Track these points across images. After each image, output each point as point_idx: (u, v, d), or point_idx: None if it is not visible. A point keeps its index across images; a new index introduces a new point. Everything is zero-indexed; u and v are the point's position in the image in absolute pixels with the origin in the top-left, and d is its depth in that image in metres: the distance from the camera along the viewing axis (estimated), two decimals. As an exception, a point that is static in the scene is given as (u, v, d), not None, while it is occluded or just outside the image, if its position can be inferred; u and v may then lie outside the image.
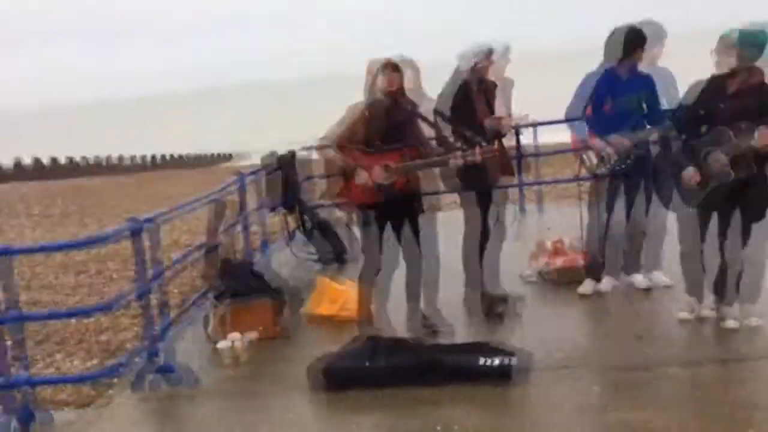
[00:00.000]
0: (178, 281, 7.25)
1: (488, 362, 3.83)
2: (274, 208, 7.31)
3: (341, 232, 7.25)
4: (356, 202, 4.51)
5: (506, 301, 5.01)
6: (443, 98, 4.77)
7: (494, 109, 4.89)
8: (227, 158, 37.37)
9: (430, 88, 4.79)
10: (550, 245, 5.66)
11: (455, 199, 5.43)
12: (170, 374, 4.24)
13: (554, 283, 5.36)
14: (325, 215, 7.51)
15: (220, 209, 5.33)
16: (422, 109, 4.48)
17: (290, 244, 7.05)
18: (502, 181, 5.12)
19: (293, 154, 7.54)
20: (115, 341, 5.77)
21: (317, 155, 4.58)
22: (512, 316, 4.80)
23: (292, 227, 7.19)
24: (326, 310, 5.15)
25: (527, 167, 7.69)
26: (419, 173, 4.57)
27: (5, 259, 3.85)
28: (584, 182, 5.47)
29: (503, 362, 3.84)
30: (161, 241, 4.55)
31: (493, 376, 3.79)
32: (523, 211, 8.37)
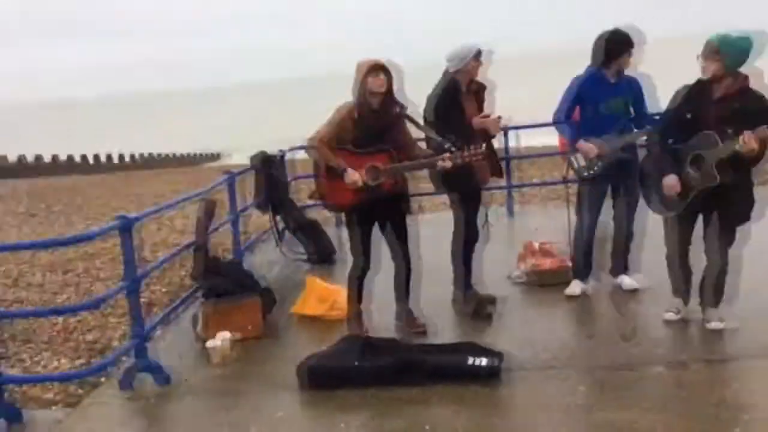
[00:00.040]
0: (166, 280, 7.23)
1: (476, 362, 3.87)
2: (262, 207, 7.31)
3: (331, 232, 7.27)
4: (342, 202, 4.53)
5: (494, 302, 5.05)
6: (432, 100, 4.79)
7: (484, 110, 4.94)
8: (215, 158, 37.19)
9: (429, 88, 4.84)
10: (537, 247, 5.70)
11: (444, 200, 5.47)
12: (158, 373, 4.24)
13: (542, 284, 5.40)
14: (314, 215, 7.53)
15: (210, 208, 5.31)
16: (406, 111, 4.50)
17: (280, 243, 7.05)
18: (490, 182, 5.17)
19: (276, 154, 7.55)
20: (102, 340, 5.74)
21: (307, 155, 4.59)
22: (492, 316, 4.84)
23: (282, 227, 7.19)
24: (315, 309, 5.15)
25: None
26: (407, 174, 4.60)
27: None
28: (572, 185, 5.53)
29: (491, 362, 3.88)
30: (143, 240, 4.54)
31: (481, 376, 3.82)
32: (511, 213, 8.43)
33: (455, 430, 3.37)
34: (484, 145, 4.58)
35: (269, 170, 7.14)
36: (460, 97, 4.78)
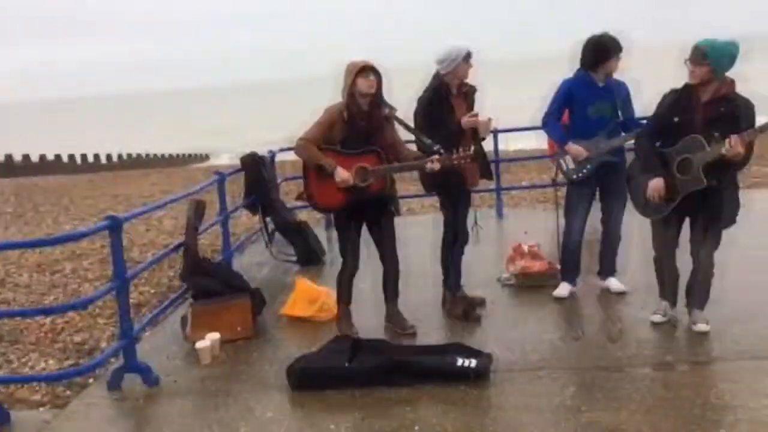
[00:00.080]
0: (155, 281, 7.20)
1: (465, 363, 3.89)
2: (252, 207, 7.30)
3: (320, 233, 7.27)
4: (331, 203, 4.53)
5: (483, 304, 5.08)
6: (423, 101, 4.80)
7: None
8: (204, 158, 36.99)
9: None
10: (526, 249, 5.74)
11: (434, 202, 5.49)
12: (147, 374, 4.22)
13: (531, 286, 5.43)
14: (303, 217, 7.53)
15: (201, 208, 5.30)
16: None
17: (270, 245, 7.05)
18: (480, 184, 5.20)
19: (266, 155, 7.53)
20: (90, 341, 5.71)
21: (296, 155, 4.59)
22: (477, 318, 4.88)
23: (271, 228, 7.18)
24: (304, 311, 5.15)
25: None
26: (395, 176, 4.62)
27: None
28: (560, 187, 5.57)
29: (480, 363, 3.91)
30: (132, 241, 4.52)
31: (470, 377, 3.84)
32: (500, 215, 8.47)
33: (444, 430, 3.39)
34: (472, 147, 4.60)
35: (259, 171, 7.14)
36: (450, 98, 4.80)
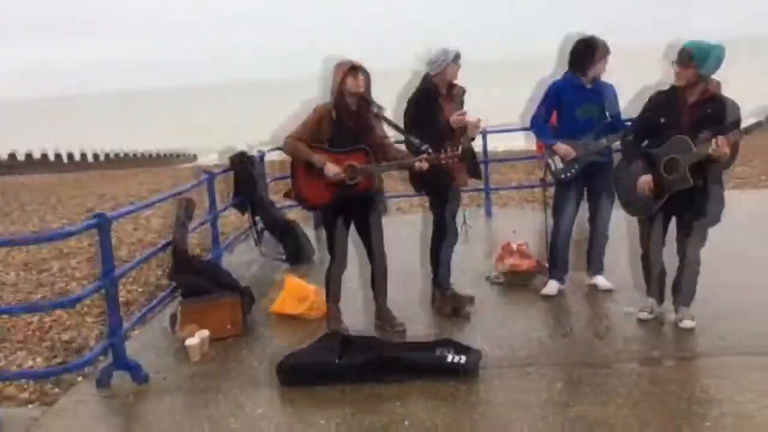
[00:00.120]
0: (143, 280, 7.19)
1: (455, 359, 3.92)
2: (241, 206, 7.29)
3: (309, 232, 7.27)
4: (319, 200, 4.54)
5: (473, 301, 5.11)
6: (412, 102, 4.83)
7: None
8: (192, 158, 36.83)
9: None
10: (515, 247, 5.78)
11: (423, 201, 5.51)
12: (136, 371, 4.22)
13: (519, 284, 5.48)
14: (293, 216, 7.53)
15: (190, 206, 5.30)
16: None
17: (259, 244, 7.04)
18: (469, 184, 5.23)
19: (255, 154, 7.53)
20: (79, 340, 5.69)
21: (285, 154, 4.61)
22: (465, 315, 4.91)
23: (260, 227, 7.18)
24: (294, 309, 5.16)
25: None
26: (383, 175, 4.64)
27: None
28: (548, 187, 5.61)
29: (470, 360, 3.94)
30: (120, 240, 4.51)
31: (459, 373, 3.87)
32: (489, 215, 8.51)
33: (434, 426, 3.41)
34: (460, 147, 4.63)
35: (247, 170, 7.13)
36: (439, 99, 4.83)
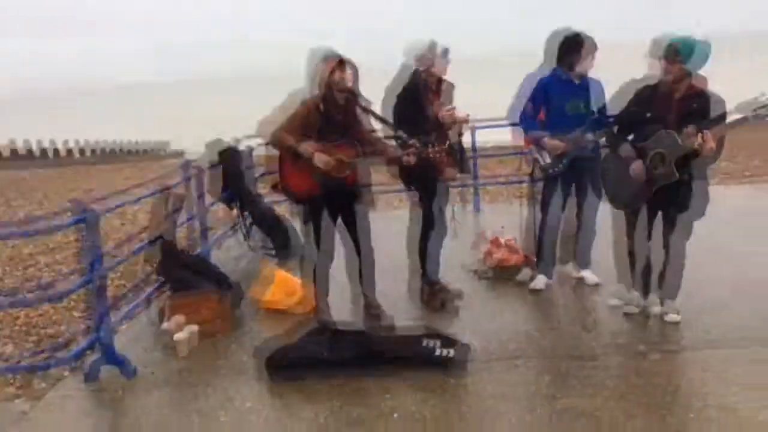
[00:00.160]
0: (130, 273, 7.14)
1: (443, 352, 3.94)
2: (228, 201, 7.28)
3: (298, 226, 7.26)
4: (307, 191, 4.54)
5: (461, 295, 5.13)
6: (400, 97, 4.83)
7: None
8: (179, 154, 36.67)
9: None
10: (503, 242, 5.81)
11: (411, 195, 5.52)
12: (124, 366, 4.21)
13: (508, 278, 5.51)
14: (282, 210, 7.52)
15: (178, 200, 5.28)
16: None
17: (248, 238, 7.04)
18: (457, 178, 5.26)
19: (243, 149, 7.52)
20: (66, 335, 5.66)
21: (272, 147, 4.60)
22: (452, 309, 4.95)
23: (249, 221, 7.17)
24: (282, 303, 5.16)
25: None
26: (369, 168, 4.65)
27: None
28: (536, 181, 5.64)
29: (458, 353, 3.96)
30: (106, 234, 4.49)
31: (448, 366, 3.90)
32: (477, 209, 8.55)
33: (423, 418, 3.43)
34: (448, 141, 4.64)
35: (236, 164, 7.11)
36: (428, 94, 4.84)
